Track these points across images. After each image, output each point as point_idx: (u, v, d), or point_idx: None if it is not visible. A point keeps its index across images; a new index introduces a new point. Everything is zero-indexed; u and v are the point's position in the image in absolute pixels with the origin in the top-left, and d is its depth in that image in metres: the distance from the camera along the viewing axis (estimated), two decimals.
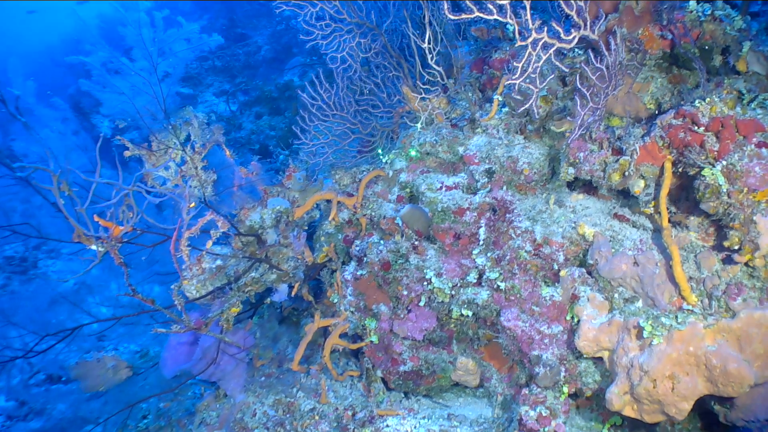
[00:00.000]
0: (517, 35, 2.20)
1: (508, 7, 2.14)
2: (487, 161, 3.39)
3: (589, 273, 3.09)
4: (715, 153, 2.68)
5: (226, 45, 9.66)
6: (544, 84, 2.39)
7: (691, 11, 2.96)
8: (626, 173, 2.92)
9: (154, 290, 5.63)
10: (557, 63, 2.34)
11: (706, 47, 3.00)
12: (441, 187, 3.45)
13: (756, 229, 2.56)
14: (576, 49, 3.36)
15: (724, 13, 2.94)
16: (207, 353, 3.43)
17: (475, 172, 3.41)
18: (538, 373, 3.08)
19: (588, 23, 2.36)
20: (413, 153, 3.65)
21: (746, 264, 2.66)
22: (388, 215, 3.52)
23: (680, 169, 2.84)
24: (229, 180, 3.51)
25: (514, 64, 2.26)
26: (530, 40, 2.23)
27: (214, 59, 9.81)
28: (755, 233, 2.56)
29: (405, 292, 3.36)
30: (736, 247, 2.62)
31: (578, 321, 3.00)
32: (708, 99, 2.72)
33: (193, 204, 2.72)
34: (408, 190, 3.60)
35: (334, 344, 3.47)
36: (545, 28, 2.23)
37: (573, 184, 3.42)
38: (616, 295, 3.00)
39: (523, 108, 2.40)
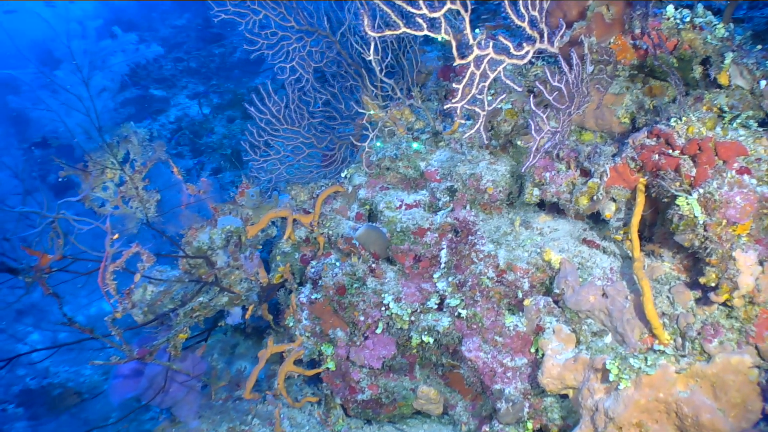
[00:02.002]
0: (455, 53, 1.83)
1: (443, 20, 1.75)
2: (449, 178, 3.01)
3: (556, 302, 2.74)
4: (692, 179, 2.30)
5: (165, 55, 9.04)
6: (493, 106, 2.01)
7: (669, 18, 2.55)
8: (594, 197, 2.55)
9: (106, 307, 5.28)
10: (508, 81, 1.96)
11: (685, 58, 2.60)
12: (401, 206, 3.08)
13: (735, 267, 2.19)
14: (548, 59, 2.97)
15: (704, 20, 2.53)
16: (154, 381, 3.12)
17: (436, 190, 3.04)
18: (500, 409, 2.75)
19: (545, 35, 1.98)
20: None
21: (724, 303, 2.29)
22: (347, 234, 3.16)
23: (653, 194, 2.46)
24: (177, 199, 3.15)
25: (453, 85, 1.89)
26: (472, 57, 1.85)
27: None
28: (734, 271, 2.19)
29: (362, 318, 3.02)
30: (713, 284, 2.26)
31: (543, 355, 2.66)
32: (684, 118, 2.34)
33: (116, 236, 2.37)
34: (368, 207, 3.24)
35: (289, 371, 3.14)
36: (491, 43, 1.85)
37: (542, 203, 3.04)
38: (584, 327, 2.65)
39: (468, 134, 2.03)
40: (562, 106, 2.16)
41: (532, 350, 2.76)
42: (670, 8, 2.55)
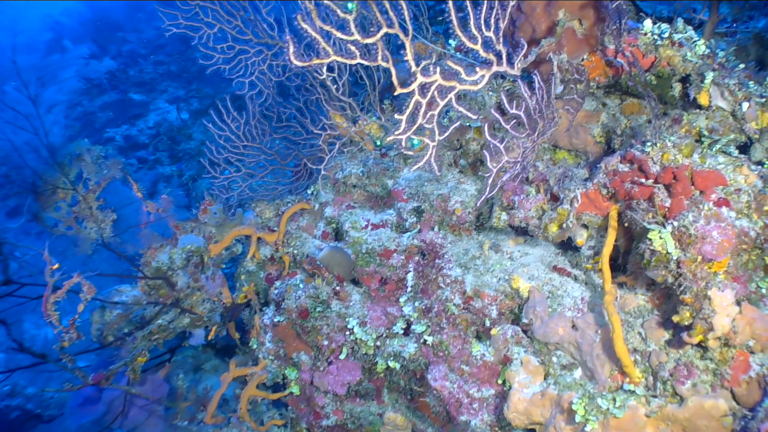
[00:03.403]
0: (395, 81, 1.60)
1: (380, 45, 1.52)
2: (415, 198, 2.78)
3: (525, 331, 2.53)
4: (666, 210, 2.07)
5: (118, 68, 8.52)
6: (444, 136, 1.79)
7: (646, 33, 2.30)
8: (564, 225, 2.32)
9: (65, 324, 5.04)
10: (461, 109, 1.73)
11: (663, 75, 2.36)
12: (366, 226, 2.86)
13: (710, 306, 1.97)
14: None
15: (684, 35, 2.28)
16: (113, 406, 2.93)
17: (403, 210, 2.82)
18: None
19: (504, 57, 1.74)
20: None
21: (699, 343, 2.07)
22: (312, 254, 2.94)
23: (626, 224, 2.24)
24: (136, 217, 2.94)
25: (396, 116, 1.66)
26: (415, 85, 1.63)
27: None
28: (709, 311, 1.97)
29: (325, 342, 2.81)
30: (687, 324, 2.04)
31: (510, 387, 2.45)
32: (660, 143, 2.10)
33: (56, 266, 2.17)
34: (334, 225, 3.02)
35: (252, 395, 2.95)
36: (438, 68, 1.63)
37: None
38: (554, 359, 2.44)
39: (417, 166, 1.81)
40: (522, 134, 1.93)
41: (500, 381, 2.55)
42: (648, 23, 2.30)
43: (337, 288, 2.80)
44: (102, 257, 2.80)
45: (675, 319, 2.05)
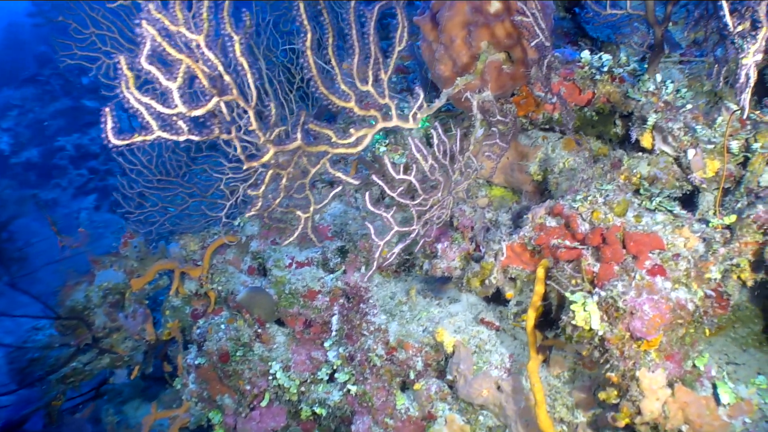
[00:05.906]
0: (241, 156, 1.27)
1: (220, 116, 1.17)
2: (340, 237, 2.44)
3: (451, 386, 2.21)
4: (594, 275, 1.73)
5: (21, 104, 7.80)
6: (321, 205, 1.46)
7: (584, 66, 1.93)
8: (487, 281, 1.98)
9: None
10: (338, 174, 1.39)
11: (604, 112, 1.99)
12: (291, 264, 2.53)
13: (638, 388, 1.64)
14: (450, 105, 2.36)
15: (628, 69, 1.91)
16: None
17: (327, 249, 2.48)
18: None
19: (393, 110, 1.38)
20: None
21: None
22: (237, 291, 2.62)
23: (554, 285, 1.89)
24: (50, 253, 2.62)
25: (249, 192, 1.34)
26: (268, 156, 1.29)
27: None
28: (637, 393, 1.65)
29: (248, 387, 2.51)
30: (614, 402, 1.72)
31: None
32: (590, 198, 1.75)
33: None
34: (260, 260, 2.69)
35: None
36: (299, 134, 1.29)
37: None
38: (480, 418, 2.13)
39: (287, 242, 1.48)
40: (413, 202, 1.58)
41: None
42: (586, 54, 1.92)
43: (259, 330, 2.48)
44: (11, 296, 2.50)
45: (601, 396, 1.73)
